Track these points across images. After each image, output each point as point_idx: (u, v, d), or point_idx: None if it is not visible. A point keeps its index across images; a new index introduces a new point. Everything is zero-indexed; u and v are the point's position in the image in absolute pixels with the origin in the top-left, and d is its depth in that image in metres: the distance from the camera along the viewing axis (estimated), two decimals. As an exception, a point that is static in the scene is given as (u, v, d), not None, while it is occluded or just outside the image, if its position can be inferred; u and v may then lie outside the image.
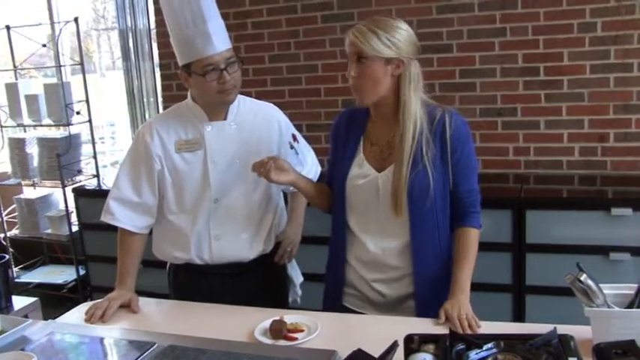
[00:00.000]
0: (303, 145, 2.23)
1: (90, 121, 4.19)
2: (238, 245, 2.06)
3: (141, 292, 2.05)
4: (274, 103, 2.26)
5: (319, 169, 2.29)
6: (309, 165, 2.22)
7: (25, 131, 4.47)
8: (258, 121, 2.11)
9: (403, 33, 1.77)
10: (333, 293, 1.98)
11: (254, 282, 2.11)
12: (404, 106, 1.79)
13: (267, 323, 1.71)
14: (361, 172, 1.86)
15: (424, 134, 1.79)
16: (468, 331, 1.62)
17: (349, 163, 1.89)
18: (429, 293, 1.83)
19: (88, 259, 3.97)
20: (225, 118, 2.05)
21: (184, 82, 2.01)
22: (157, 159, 2.01)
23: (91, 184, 4.18)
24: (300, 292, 2.33)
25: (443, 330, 1.56)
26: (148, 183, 2.03)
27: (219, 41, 1.92)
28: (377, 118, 1.89)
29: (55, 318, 1.94)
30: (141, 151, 2.03)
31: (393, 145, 1.82)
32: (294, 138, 2.16)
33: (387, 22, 1.77)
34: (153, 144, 2.01)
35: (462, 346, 1.38)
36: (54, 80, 4.46)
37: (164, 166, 2.02)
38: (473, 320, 1.66)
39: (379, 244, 1.86)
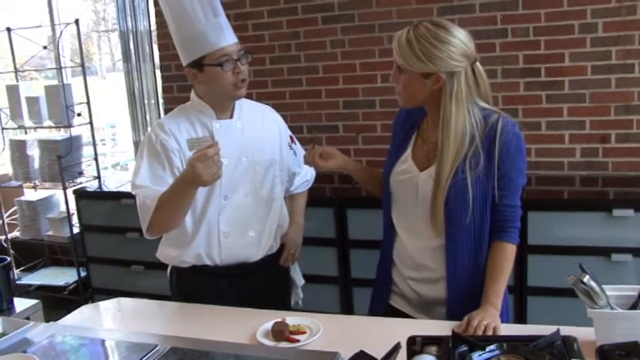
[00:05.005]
0: (298, 147, 2.26)
1: (91, 122, 4.19)
2: (246, 243, 2.06)
3: (142, 295, 2.05)
4: (275, 105, 2.26)
5: (314, 172, 2.30)
6: (305, 167, 2.22)
7: (26, 133, 4.47)
8: (260, 121, 2.12)
9: (447, 47, 1.65)
10: (380, 292, 1.97)
11: (260, 284, 2.11)
12: (442, 121, 1.71)
13: (269, 325, 1.70)
14: (404, 168, 1.84)
15: (474, 144, 1.71)
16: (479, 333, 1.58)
17: (397, 158, 1.87)
18: (460, 301, 1.77)
19: (89, 260, 3.95)
20: (231, 117, 2.05)
21: (192, 80, 2.00)
22: (177, 153, 1.98)
23: (92, 185, 4.17)
24: (301, 294, 2.33)
25: (446, 331, 1.55)
26: (172, 178, 1.95)
27: (230, 34, 1.95)
28: (430, 117, 1.83)
29: (56, 320, 1.94)
30: (159, 150, 1.98)
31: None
32: (292, 139, 2.21)
33: (433, 32, 1.66)
34: (169, 140, 1.98)
35: (464, 348, 1.38)
36: (55, 82, 4.46)
37: (182, 162, 1.97)
38: (490, 330, 1.59)
39: (416, 242, 1.84)
